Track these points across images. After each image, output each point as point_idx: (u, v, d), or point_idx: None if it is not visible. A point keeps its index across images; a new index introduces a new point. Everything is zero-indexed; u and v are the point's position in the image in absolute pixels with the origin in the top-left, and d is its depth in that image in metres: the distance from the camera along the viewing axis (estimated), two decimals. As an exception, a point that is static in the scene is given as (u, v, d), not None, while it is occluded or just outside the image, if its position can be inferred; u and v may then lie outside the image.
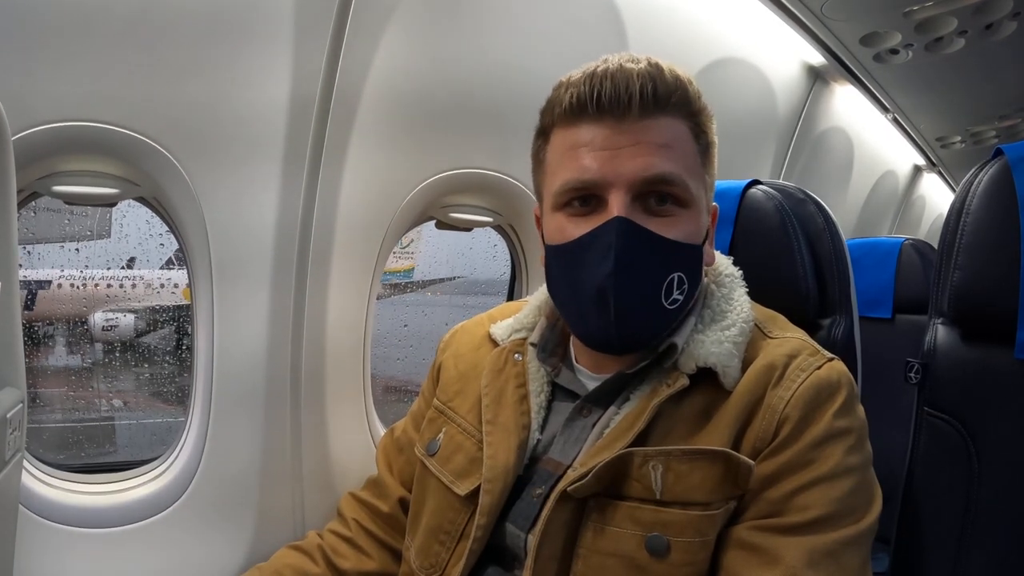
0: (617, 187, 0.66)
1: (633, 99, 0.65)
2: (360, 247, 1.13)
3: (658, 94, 0.65)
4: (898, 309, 1.70)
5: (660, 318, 0.68)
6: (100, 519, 0.98)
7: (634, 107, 0.65)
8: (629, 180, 0.65)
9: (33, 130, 0.84)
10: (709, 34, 1.51)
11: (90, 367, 4.31)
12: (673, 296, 0.68)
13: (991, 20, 1.50)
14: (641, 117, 0.65)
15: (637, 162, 0.65)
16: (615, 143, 0.66)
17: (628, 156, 0.65)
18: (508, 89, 1.17)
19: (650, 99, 0.65)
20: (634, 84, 0.64)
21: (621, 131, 0.66)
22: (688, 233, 0.68)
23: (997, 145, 0.81)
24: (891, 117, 2.30)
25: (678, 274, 0.67)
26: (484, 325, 0.90)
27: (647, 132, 0.66)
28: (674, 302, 0.68)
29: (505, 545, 0.72)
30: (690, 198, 0.68)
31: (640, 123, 0.66)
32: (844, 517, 0.61)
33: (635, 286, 0.66)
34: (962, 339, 0.80)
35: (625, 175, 0.65)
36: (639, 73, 0.65)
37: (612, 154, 0.66)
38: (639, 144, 0.65)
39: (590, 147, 0.67)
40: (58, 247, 2.00)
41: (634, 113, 0.65)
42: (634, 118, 0.65)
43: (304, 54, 0.95)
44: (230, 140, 0.95)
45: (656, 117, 0.66)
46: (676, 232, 0.67)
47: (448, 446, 0.81)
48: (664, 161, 0.66)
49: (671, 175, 0.66)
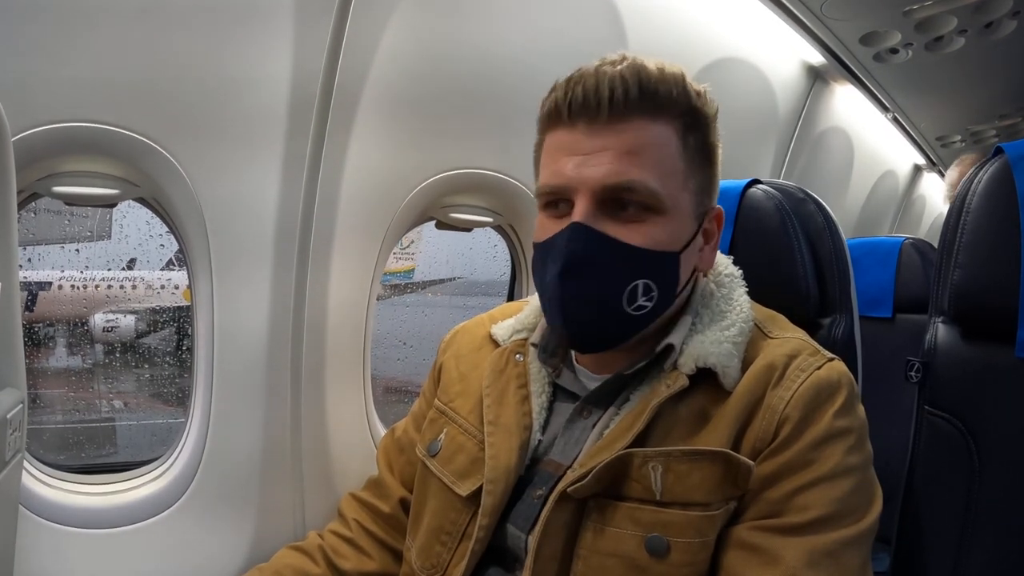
0: (582, 192, 0.66)
1: (602, 104, 0.64)
2: (360, 246, 1.13)
3: (629, 97, 0.64)
4: (898, 308, 1.70)
5: (621, 323, 0.68)
6: (100, 520, 0.98)
7: (603, 112, 0.65)
8: (592, 186, 0.65)
9: (33, 131, 0.84)
10: (709, 34, 1.51)
11: (90, 368, 4.31)
12: (638, 303, 0.67)
13: (991, 19, 1.49)
14: (610, 121, 0.65)
15: (601, 169, 0.65)
16: (584, 148, 0.66)
17: (594, 162, 0.65)
18: (508, 89, 1.17)
19: (620, 103, 0.64)
20: (604, 89, 0.64)
21: (591, 136, 0.66)
22: (657, 240, 0.67)
23: (997, 144, 0.81)
24: (891, 116, 2.30)
25: (644, 281, 0.66)
26: (485, 325, 0.90)
27: (615, 137, 0.65)
28: (639, 308, 0.67)
29: (506, 546, 0.72)
30: (662, 204, 0.66)
31: (608, 128, 0.65)
32: (844, 517, 0.61)
33: (586, 290, 0.66)
34: (963, 338, 0.80)
35: (588, 181, 0.65)
36: (612, 76, 0.64)
37: (581, 159, 0.66)
38: (606, 150, 0.65)
39: (563, 151, 0.67)
40: (58, 248, 2.00)
41: (603, 118, 0.65)
42: (603, 123, 0.65)
43: (304, 50, 0.95)
44: (230, 139, 0.95)
45: (628, 121, 0.65)
46: (642, 238, 0.66)
47: (449, 447, 0.81)
48: (629, 168, 0.65)
49: (634, 182, 0.65)
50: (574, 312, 0.67)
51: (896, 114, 2.27)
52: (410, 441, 0.92)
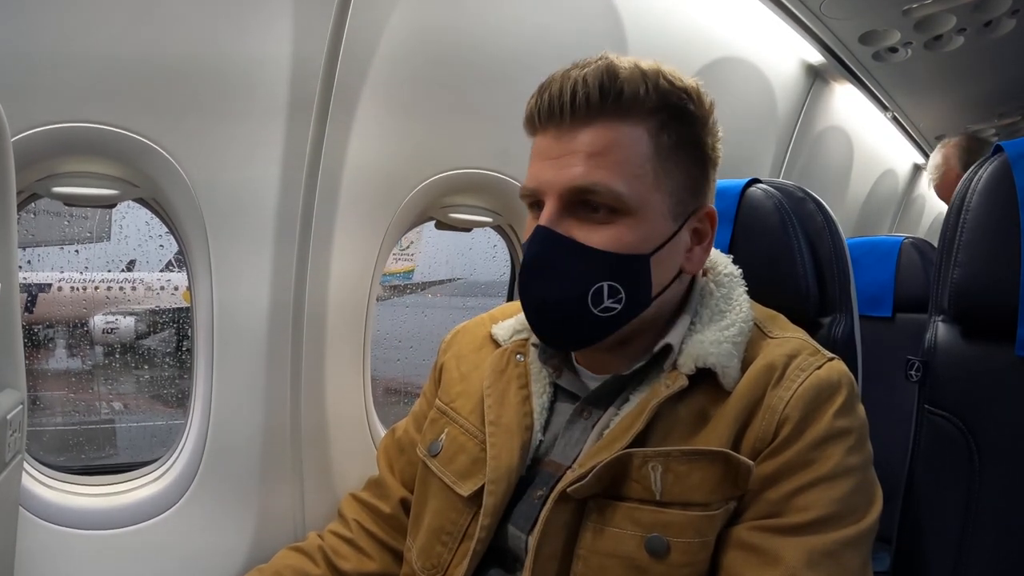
0: (549, 196, 0.67)
1: (565, 108, 0.65)
2: (360, 245, 1.13)
3: (591, 100, 0.64)
4: (898, 307, 1.70)
5: (589, 325, 0.68)
6: (100, 521, 0.98)
7: (566, 116, 0.65)
8: (558, 190, 0.66)
9: (32, 131, 0.84)
10: (708, 33, 1.51)
11: (90, 370, 4.30)
12: (604, 304, 0.67)
13: (990, 17, 1.50)
14: (572, 126, 0.66)
15: (564, 173, 0.66)
16: (553, 152, 0.67)
17: (559, 166, 0.66)
18: (508, 89, 1.17)
19: (581, 106, 0.64)
20: (566, 93, 0.65)
21: (558, 140, 0.67)
22: (624, 242, 0.66)
23: (997, 142, 0.81)
24: (890, 116, 2.30)
25: (608, 283, 0.66)
26: (485, 325, 0.90)
27: (577, 141, 0.66)
28: (607, 310, 0.67)
29: (507, 547, 0.72)
30: (626, 206, 0.65)
31: (572, 132, 0.66)
32: (844, 517, 0.61)
33: (548, 291, 0.68)
34: (962, 336, 0.80)
35: (554, 185, 0.66)
36: (575, 80, 0.64)
37: (550, 163, 0.67)
38: (569, 154, 0.66)
39: (537, 156, 0.69)
40: (58, 249, 2.00)
41: (566, 122, 0.66)
42: (567, 127, 0.66)
43: (304, 43, 0.95)
44: (229, 137, 0.95)
45: (592, 124, 0.65)
46: (606, 241, 0.66)
47: (451, 447, 0.81)
48: (591, 170, 0.65)
49: (596, 185, 0.65)
50: (540, 312, 0.70)
51: (895, 113, 2.27)
52: (411, 441, 0.92)
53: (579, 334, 0.70)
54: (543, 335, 0.72)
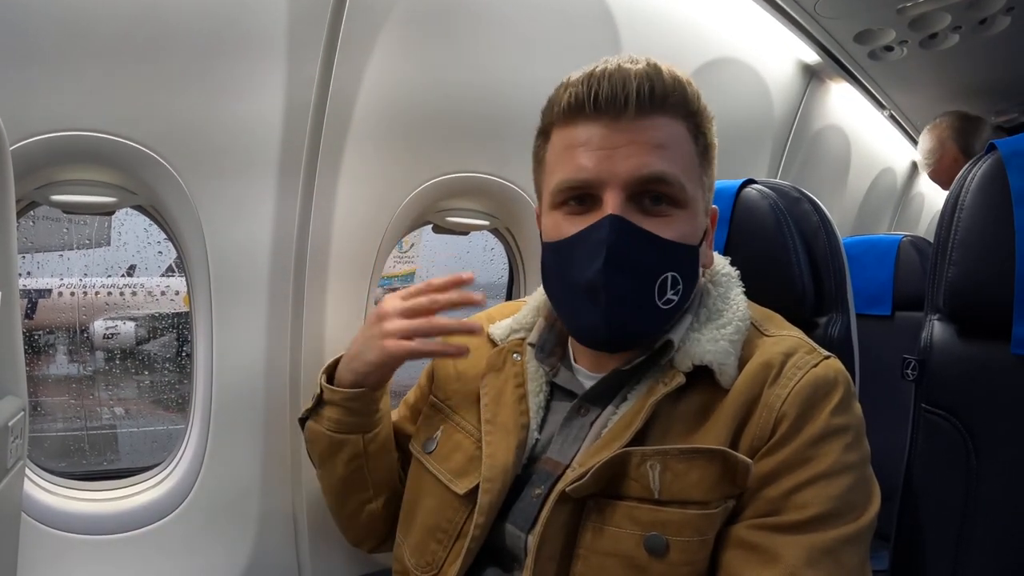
0: (612, 186, 0.66)
1: (630, 99, 0.65)
2: (357, 253, 1.13)
3: (655, 94, 0.66)
4: (897, 306, 1.70)
5: (653, 317, 0.69)
6: (101, 526, 0.98)
7: (630, 106, 0.65)
8: (624, 179, 0.66)
9: (31, 140, 0.84)
10: (703, 34, 1.51)
11: (91, 375, 4.30)
12: (667, 296, 0.68)
13: (984, 15, 1.50)
14: (637, 117, 0.66)
15: (632, 161, 0.65)
16: (611, 142, 0.66)
17: (624, 155, 0.66)
18: (503, 92, 1.17)
19: (646, 99, 0.65)
20: (631, 84, 0.65)
21: (618, 130, 0.66)
22: (683, 233, 0.68)
23: (992, 131, 0.81)
24: (887, 114, 2.30)
25: (672, 274, 0.68)
26: (483, 325, 0.90)
27: (643, 132, 0.66)
28: (668, 302, 0.68)
29: (505, 546, 0.72)
30: (686, 199, 0.68)
31: (636, 123, 0.66)
32: (843, 515, 0.61)
33: (626, 283, 0.66)
34: (958, 335, 0.80)
35: (620, 174, 0.66)
36: (636, 73, 0.65)
37: (608, 153, 0.66)
38: (635, 144, 0.66)
39: (587, 146, 0.67)
40: (57, 256, 2.00)
41: (630, 112, 0.66)
42: (630, 117, 0.66)
43: (298, 64, 0.96)
44: (227, 149, 0.96)
45: (652, 117, 0.66)
46: (670, 232, 0.67)
47: (446, 444, 0.81)
48: (659, 161, 0.66)
49: (666, 175, 0.66)
50: (614, 305, 0.67)
51: (892, 111, 2.27)
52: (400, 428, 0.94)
53: (644, 327, 0.69)
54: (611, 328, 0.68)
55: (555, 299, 0.75)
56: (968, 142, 1.93)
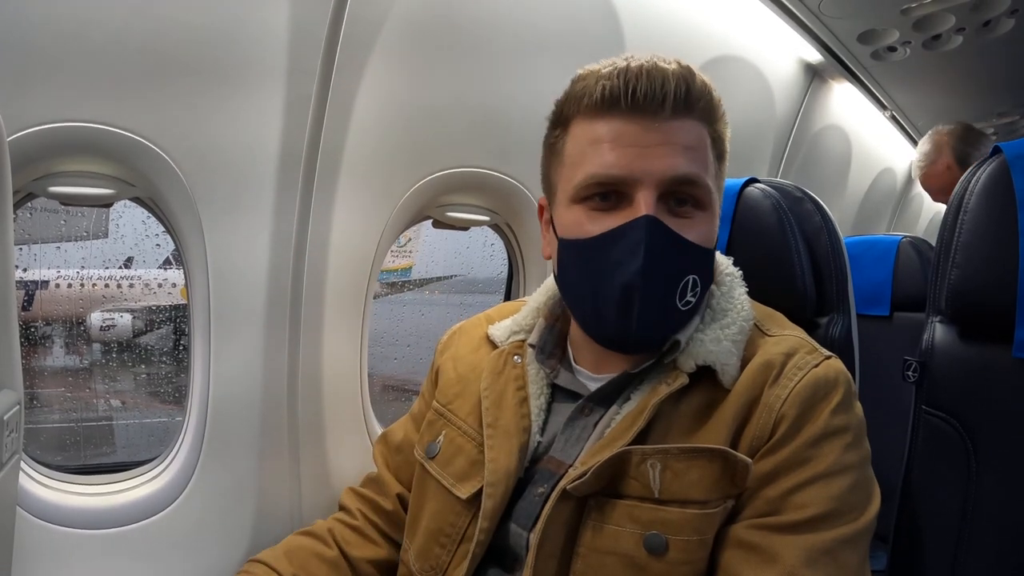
0: (646, 185, 0.65)
1: (667, 98, 0.65)
2: (358, 246, 1.13)
3: (690, 96, 0.66)
4: (896, 307, 1.70)
5: (673, 319, 0.69)
6: (98, 520, 0.98)
7: (667, 106, 0.65)
8: (658, 179, 0.65)
9: (28, 131, 0.84)
10: (706, 32, 1.51)
11: (88, 367, 4.30)
12: (687, 298, 0.68)
13: (989, 17, 1.50)
14: (672, 117, 0.66)
15: (666, 162, 0.65)
16: (645, 140, 0.65)
17: (658, 155, 0.65)
18: (505, 88, 1.17)
19: (682, 100, 0.65)
20: (669, 83, 0.65)
21: (652, 129, 0.65)
22: (704, 236, 0.69)
23: (995, 142, 0.81)
24: (889, 115, 2.30)
25: (693, 276, 0.68)
26: (482, 326, 0.90)
27: (676, 132, 0.66)
28: (687, 303, 0.68)
29: (508, 545, 0.72)
30: (710, 201, 0.69)
31: (671, 123, 0.66)
32: (842, 515, 0.61)
33: (659, 285, 0.66)
34: (960, 338, 0.80)
35: (654, 173, 0.65)
36: (673, 73, 0.65)
37: (641, 151, 0.65)
38: (668, 144, 0.65)
39: (618, 142, 0.66)
40: (55, 248, 2.00)
41: (666, 112, 0.65)
42: (666, 117, 0.66)
43: (298, 62, 0.95)
44: (226, 143, 0.95)
45: (685, 119, 0.67)
46: (694, 234, 0.68)
47: (448, 449, 0.81)
48: (690, 163, 0.66)
49: (697, 177, 0.67)
50: (646, 308, 0.66)
51: (894, 112, 2.27)
52: (408, 441, 0.92)
53: (665, 329, 0.69)
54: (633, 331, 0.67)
55: (575, 297, 0.73)
56: (966, 151, 1.93)
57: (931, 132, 2.02)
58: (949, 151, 1.95)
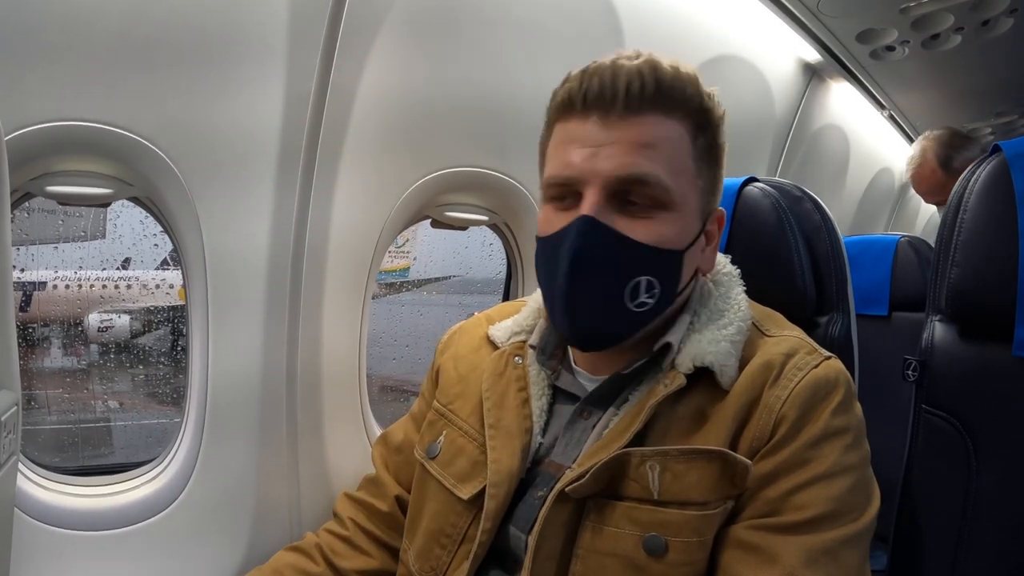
0: (592, 184, 0.65)
1: (618, 96, 0.64)
2: (356, 248, 1.13)
3: (646, 92, 0.64)
4: (894, 306, 1.70)
5: (623, 319, 0.68)
6: (96, 522, 0.97)
7: (619, 104, 0.64)
8: (604, 178, 0.65)
9: (26, 130, 0.83)
10: (705, 32, 1.51)
11: (86, 368, 4.29)
12: (640, 299, 0.67)
13: (987, 16, 1.50)
14: (625, 115, 0.65)
15: (614, 161, 0.64)
16: (597, 140, 0.65)
17: (607, 154, 0.65)
18: (504, 87, 1.16)
19: (636, 96, 0.64)
20: (620, 81, 0.64)
21: (605, 128, 0.65)
22: (664, 236, 0.66)
23: (994, 141, 0.81)
24: (887, 114, 2.30)
25: (647, 278, 0.66)
26: (483, 326, 0.89)
27: (629, 130, 0.65)
28: (641, 305, 0.67)
29: (508, 547, 0.72)
30: (671, 200, 0.66)
31: (624, 121, 0.65)
32: (842, 516, 0.61)
33: (591, 285, 0.66)
34: (960, 337, 0.80)
35: (601, 173, 0.65)
36: (629, 70, 0.64)
37: (593, 151, 0.65)
38: (620, 142, 0.65)
39: (574, 143, 0.67)
40: (52, 248, 2.00)
41: (618, 110, 0.65)
42: (618, 115, 0.65)
43: (297, 59, 0.94)
44: (225, 143, 0.95)
45: (643, 115, 0.65)
46: (648, 234, 0.66)
47: (449, 449, 0.81)
48: (644, 161, 0.64)
49: (647, 175, 0.64)
50: (579, 307, 0.67)
51: (892, 111, 2.27)
52: (408, 442, 0.92)
53: (614, 329, 0.69)
54: (578, 329, 0.69)
55: (543, 294, 0.74)
56: (948, 155, 1.97)
57: (921, 137, 2.06)
58: (933, 156, 1.99)
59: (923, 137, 2.04)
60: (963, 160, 1.91)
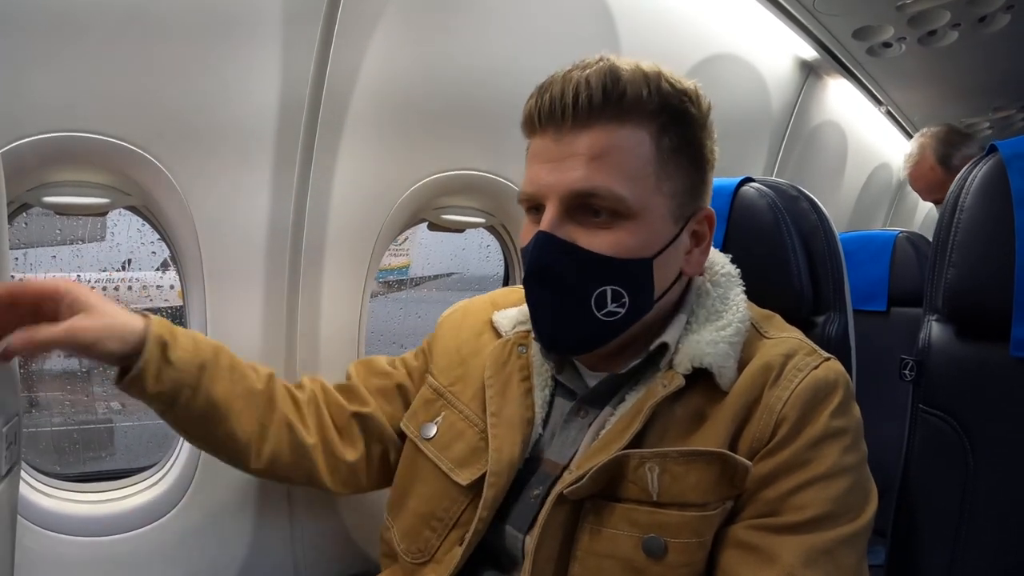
0: (550, 199, 0.66)
1: (566, 110, 0.64)
2: (352, 251, 1.12)
3: (593, 102, 0.63)
4: (893, 302, 1.70)
5: (592, 327, 0.68)
6: (98, 527, 0.97)
7: (567, 118, 0.65)
8: (559, 193, 0.65)
9: (21, 142, 0.83)
10: (701, 30, 1.51)
11: (86, 371, 4.29)
12: (608, 308, 0.67)
13: (984, 13, 1.50)
14: (574, 128, 0.65)
15: (565, 176, 0.65)
16: (553, 155, 0.66)
17: (560, 169, 0.65)
18: (500, 89, 1.16)
19: (584, 108, 0.64)
20: (568, 95, 0.64)
21: (558, 142, 0.66)
22: (626, 246, 0.66)
23: (991, 136, 0.81)
24: (884, 110, 2.31)
25: (611, 287, 0.66)
26: (487, 311, 0.89)
27: (578, 143, 0.65)
28: (610, 314, 0.67)
29: (504, 546, 0.72)
30: (628, 209, 0.65)
31: (573, 134, 0.65)
32: (841, 516, 0.62)
33: (551, 297, 0.68)
34: (957, 336, 0.80)
35: (556, 188, 0.66)
36: (577, 82, 0.64)
37: (550, 167, 0.66)
38: (571, 157, 0.65)
39: (537, 158, 0.68)
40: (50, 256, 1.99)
41: (567, 125, 0.65)
42: (568, 129, 0.65)
43: (292, 57, 0.94)
44: (219, 145, 0.95)
45: (592, 126, 0.65)
46: (607, 245, 0.66)
47: (448, 432, 0.80)
48: (592, 173, 0.64)
49: (598, 188, 0.64)
50: (543, 317, 0.70)
51: (890, 108, 2.27)
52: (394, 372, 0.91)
53: (583, 338, 0.69)
54: (546, 340, 0.72)
55: None
56: (947, 153, 1.97)
57: (917, 134, 2.06)
58: (931, 153, 1.99)
59: (921, 134, 2.04)
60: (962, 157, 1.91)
